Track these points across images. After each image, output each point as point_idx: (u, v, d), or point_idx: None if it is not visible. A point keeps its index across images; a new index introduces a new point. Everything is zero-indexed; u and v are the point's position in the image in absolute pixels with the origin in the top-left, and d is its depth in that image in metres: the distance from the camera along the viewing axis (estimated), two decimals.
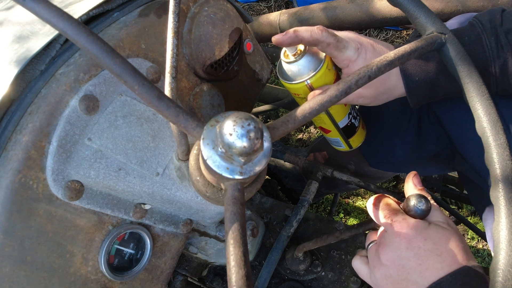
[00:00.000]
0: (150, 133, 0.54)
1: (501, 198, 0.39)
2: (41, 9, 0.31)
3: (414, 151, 0.84)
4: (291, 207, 0.93)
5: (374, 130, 0.89)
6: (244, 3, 2.14)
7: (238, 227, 0.32)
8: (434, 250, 0.47)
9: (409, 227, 0.48)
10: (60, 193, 0.47)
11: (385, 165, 0.95)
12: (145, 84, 0.33)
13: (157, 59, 0.56)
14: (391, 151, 0.87)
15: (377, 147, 0.91)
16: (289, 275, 0.84)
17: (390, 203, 0.53)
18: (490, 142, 0.42)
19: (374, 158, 0.95)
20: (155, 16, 0.57)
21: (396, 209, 0.52)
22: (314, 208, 1.62)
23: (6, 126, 0.45)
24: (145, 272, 0.60)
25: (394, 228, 0.49)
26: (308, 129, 1.79)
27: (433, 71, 0.59)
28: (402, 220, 0.49)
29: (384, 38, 1.91)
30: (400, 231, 0.49)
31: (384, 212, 0.52)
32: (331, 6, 1.06)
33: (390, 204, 0.53)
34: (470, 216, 1.54)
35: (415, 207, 0.50)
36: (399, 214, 0.51)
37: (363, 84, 0.39)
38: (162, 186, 0.54)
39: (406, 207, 0.51)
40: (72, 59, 0.49)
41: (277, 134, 0.37)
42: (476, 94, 0.44)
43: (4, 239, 0.44)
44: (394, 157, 0.88)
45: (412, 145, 0.83)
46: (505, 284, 0.37)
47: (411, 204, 0.50)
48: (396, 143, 0.85)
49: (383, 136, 0.88)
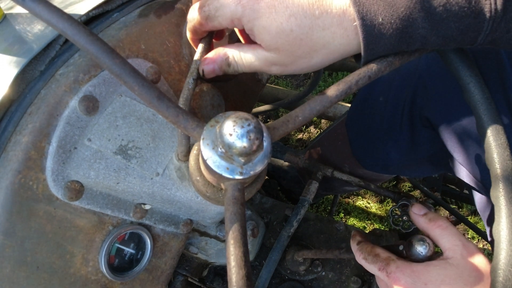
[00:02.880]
0: (150, 133, 0.54)
1: (501, 198, 0.39)
2: (41, 10, 0.31)
3: (408, 153, 0.84)
4: (291, 207, 0.93)
5: (366, 133, 0.89)
6: None
7: (238, 227, 0.32)
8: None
9: (406, 276, 0.46)
10: (60, 194, 0.47)
11: (379, 168, 0.95)
12: (145, 85, 0.33)
13: (157, 59, 0.56)
14: (385, 154, 0.87)
15: (370, 150, 0.91)
16: (290, 275, 0.84)
17: (379, 253, 0.51)
18: (491, 142, 0.42)
19: (368, 161, 0.95)
20: (155, 17, 0.57)
21: (387, 258, 0.50)
22: (314, 208, 1.62)
23: (6, 127, 0.45)
24: (145, 273, 0.60)
25: (392, 282, 0.47)
26: (308, 129, 1.79)
27: (405, 6, 0.37)
28: (397, 270, 0.47)
29: None
30: (399, 283, 0.46)
31: (377, 265, 0.50)
32: None
33: (379, 254, 0.51)
34: (470, 215, 1.54)
35: (417, 252, 0.48)
36: (391, 264, 0.48)
37: (363, 84, 0.39)
38: (162, 186, 0.54)
39: (408, 251, 0.49)
40: (71, 60, 0.49)
41: (277, 134, 0.37)
42: (477, 94, 0.44)
43: (4, 240, 0.44)
44: (388, 160, 0.88)
45: (406, 148, 0.82)
46: (506, 284, 0.37)
47: (413, 249, 0.48)
48: (389, 147, 0.85)
49: (376, 140, 0.87)
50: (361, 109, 0.91)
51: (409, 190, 1.59)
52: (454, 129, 0.67)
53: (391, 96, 0.78)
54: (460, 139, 0.66)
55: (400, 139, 0.81)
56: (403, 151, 0.83)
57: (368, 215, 1.59)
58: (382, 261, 0.49)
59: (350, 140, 0.96)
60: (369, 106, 0.86)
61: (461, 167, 0.71)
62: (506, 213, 0.39)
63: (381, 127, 0.84)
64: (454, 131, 0.67)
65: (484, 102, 0.43)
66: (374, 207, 1.62)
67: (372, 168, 0.96)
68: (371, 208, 1.61)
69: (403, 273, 0.46)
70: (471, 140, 0.64)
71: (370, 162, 0.95)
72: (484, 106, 0.43)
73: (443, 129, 0.69)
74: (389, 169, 0.94)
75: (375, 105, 0.84)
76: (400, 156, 0.85)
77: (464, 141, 0.66)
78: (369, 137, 0.89)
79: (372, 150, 0.90)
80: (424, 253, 0.47)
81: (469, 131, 0.63)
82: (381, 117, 0.83)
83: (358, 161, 0.96)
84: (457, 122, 0.65)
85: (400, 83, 0.76)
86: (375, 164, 0.94)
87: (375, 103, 0.84)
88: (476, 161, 0.64)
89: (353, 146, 0.95)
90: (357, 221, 1.58)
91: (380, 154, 0.88)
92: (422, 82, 0.70)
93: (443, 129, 0.69)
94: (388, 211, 1.55)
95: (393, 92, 0.78)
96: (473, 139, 0.63)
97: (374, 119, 0.85)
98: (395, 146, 0.84)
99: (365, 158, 0.95)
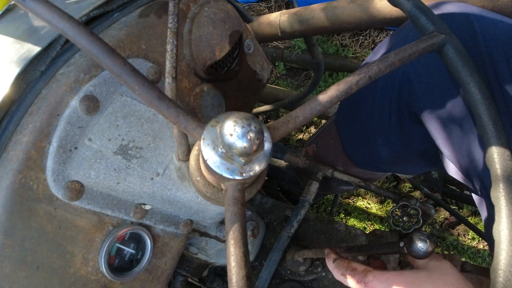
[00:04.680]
0: (151, 133, 0.54)
1: (501, 198, 0.39)
2: (41, 10, 0.31)
3: (399, 150, 0.83)
4: (292, 208, 0.93)
5: (356, 131, 0.89)
6: (244, 4, 2.15)
7: (238, 228, 0.32)
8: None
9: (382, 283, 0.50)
10: (60, 194, 0.47)
11: (371, 165, 0.95)
12: (145, 85, 0.33)
13: (157, 59, 0.56)
14: (376, 151, 0.87)
15: (361, 148, 0.91)
16: (290, 275, 0.84)
17: (355, 267, 0.55)
18: (491, 142, 0.42)
19: (360, 159, 0.95)
20: (156, 17, 0.57)
21: (364, 270, 0.53)
22: (314, 208, 1.62)
23: (7, 126, 0.45)
24: (145, 273, 0.60)
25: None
26: (309, 129, 1.79)
27: None
28: (374, 278, 0.51)
29: (385, 39, 1.91)
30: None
31: (355, 278, 0.53)
32: (332, 6, 1.06)
33: (356, 268, 0.55)
34: (470, 216, 1.54)
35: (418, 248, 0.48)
36: (368, 275, 0.52)
37: (364, 84, 0.39)
38: (162, 187, 0.54)
39: (409, 248, 0.49)
40: (72, 60, 0.49)
41: (277, 135, 0.37)
42: (477, 94, 0.44)
43: (5, 240, 0.44)
44: (379, 157, 0.88)
45: (397, 145, 0.82)
46: (506, 284, 0.37)
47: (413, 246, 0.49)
48: (379, 144, 0.84)
49: (366, 137, 0.87)
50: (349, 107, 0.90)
51: (409, 191, 1.59)
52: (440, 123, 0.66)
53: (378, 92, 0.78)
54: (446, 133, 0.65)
55: (390, 135, 0.81)
56: (394, 147, 0.83)
57: (368, 216, 1.59)
58: (359, 274, 0.53)
59: (341, 138, 0.95)
60: (357, 103, 0.86)
61: (449, 163, 0.71)
62: (506, 213, 0.39)
63: (370, 124, 0.83)
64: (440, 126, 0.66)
65: (484, 102, 0.43)
66: (375, 207, 1.62)
67: (364, 166, 0.96)
68: (371, 209, 1.61)
69: (379, 280, 0.50)
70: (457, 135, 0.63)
71: (361, 160, 0.94)
72: (484, 106, 0.43)
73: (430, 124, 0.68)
74: (380, 167, 0.93)
75: (362, 102, 0.84)
76: (391, 153, 0.85)
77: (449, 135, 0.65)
78: (359, 135, 0.88)
79: (363, 147, 0.90)
80: (425, 249, 0.48)
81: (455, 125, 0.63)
82: (370, 114, 0.83)
83: (350, 159, 0.96)
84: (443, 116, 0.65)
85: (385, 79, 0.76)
86: (366, 162, 0.94)
87: (362, 100, 0.84)
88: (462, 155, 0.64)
89: (344, 143, 0.95)
90: (357, 221, 1.58)
91: (371, 151, 0.88)
92: (406, 77, 0.70)
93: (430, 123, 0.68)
94: (388, 212, 1.55)
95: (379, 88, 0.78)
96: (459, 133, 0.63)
97: (363, 116, 0.85)
98: (385, 142, 0.83)
99: (357, 155, 0.94)
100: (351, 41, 1.93)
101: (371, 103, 0.80)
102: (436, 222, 1.57)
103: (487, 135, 0.42)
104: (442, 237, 1.52)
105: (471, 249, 1.49)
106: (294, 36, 1.14)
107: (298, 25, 1.11)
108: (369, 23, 1.02)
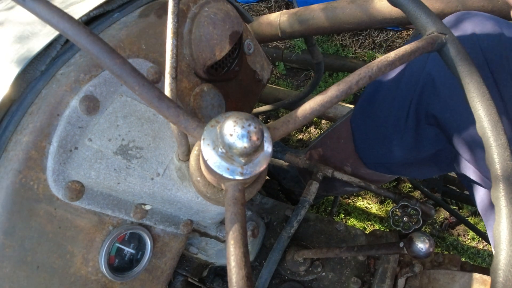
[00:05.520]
0: (151, 133, 0.54)
1: (501, 199, 0.39)
2: (41, 10, 0.31)
3: (412, 152, 0.84)
4: (292, 208, 0.93)
5: (372, 130, 0.89)
6: (244, 4, 2.15)
7: (238, 228, 0.32)
8: None
9: None
10: (60, 194, 0.47)
11: (383, 167, 0.95)
12: (145, 85, 0.33)
13: (157, 59, 0.56)
14: (390, 152, 0.87)
15: (375, 148, 0.91)
16: (290, 275, 0.84)
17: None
18: (491, 142, 0.42)
19: (371, 159, 0.95)
20: (156, 17, 0.57)
21: None
22: (314, 209, 1.62)
23: (7, 126, 0.45)
24: (145, 273, 0.60)
25: None
26: (308, 129, 1.79)
27: None
28: None
29: (385, 39, 1.91)
30: None
31: None
32: (332, 7, 1.06)
33: None
34: (470, 216, 1.54)
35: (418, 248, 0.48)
36: None
37: (364, 84, 0.39)
38: (162, 187, 0.54)
39: (409, 248, 0.49)
40: (72, 60, 0.49)
41: (277, 135, 0.37)
42: (477, 94, 0.44)
43: (5, 240, 0.44)
44: (392, 158, 0.88)
45: (410, 146, 0.82)
46: (506, 284, 0.36)
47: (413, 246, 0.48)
48: (394, 144, 0.85)
49: (381, 136, 0.87)
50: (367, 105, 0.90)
51: (409, 191, 1.59)
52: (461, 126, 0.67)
53: (399, 92, 0.79)
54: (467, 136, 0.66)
55: (405, 136, 0.81)
56: (406, 149, 0.83)
57: (368, 216, 1.59)
58: None
59: (354, 138, 0.95)
60: (376, 102, 0.86)
61: (467, 164, 0.71)
62: (506, 213, 0.39)
63: (387, 124, 0.84)
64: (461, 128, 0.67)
65: (484, 102, 0.43)
66: (375, 208, 1.61)
67: (375, 167, 0.96)
68: (371, 209, 1.61)
69: None
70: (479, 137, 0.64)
71: (373, 161, 0.94)
72: (484, 106, 0.43)
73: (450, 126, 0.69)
74: (392, 168, 0.93)
75: (382, 101, 0.84)
76: (404, 154, 0.85)
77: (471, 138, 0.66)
78: (374, 134, 0.88)
79: (378, 147, 0.90)
80: (425, 249, 0.48)
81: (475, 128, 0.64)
82: (388, 114, 0.83)
83: (361, 160, 0.96)
84: (464, 118, 0.66)
85: (408, 79, 0.76)
86: (378, 163, 0.94)
87: (382, 100, 0.84)
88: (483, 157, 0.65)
89: (357, 143, 0.95)
90: (357, 221, 1.58)
91: (385, 151, 0.88)
92: (430, 78, 0.71)
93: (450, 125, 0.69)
94: (388, 212, 1.55)
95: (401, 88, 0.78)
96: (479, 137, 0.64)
97: (380, 115, 0.85)
98: (399, 143, 0.84)
99: (369, 156, 0.94)
100: (351, 41, 1.93)
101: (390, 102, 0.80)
102: (436, 222, 1.57)
103: (487, 135, 0.42)
104: (442, 237, 1.52)
105: (471, 249, 1.49)
106: (294, 36, 1.14)
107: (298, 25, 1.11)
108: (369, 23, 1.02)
